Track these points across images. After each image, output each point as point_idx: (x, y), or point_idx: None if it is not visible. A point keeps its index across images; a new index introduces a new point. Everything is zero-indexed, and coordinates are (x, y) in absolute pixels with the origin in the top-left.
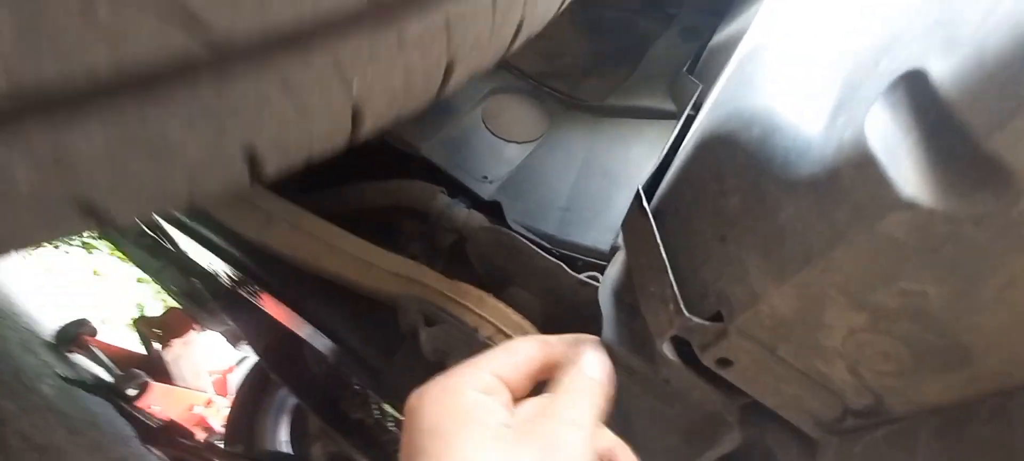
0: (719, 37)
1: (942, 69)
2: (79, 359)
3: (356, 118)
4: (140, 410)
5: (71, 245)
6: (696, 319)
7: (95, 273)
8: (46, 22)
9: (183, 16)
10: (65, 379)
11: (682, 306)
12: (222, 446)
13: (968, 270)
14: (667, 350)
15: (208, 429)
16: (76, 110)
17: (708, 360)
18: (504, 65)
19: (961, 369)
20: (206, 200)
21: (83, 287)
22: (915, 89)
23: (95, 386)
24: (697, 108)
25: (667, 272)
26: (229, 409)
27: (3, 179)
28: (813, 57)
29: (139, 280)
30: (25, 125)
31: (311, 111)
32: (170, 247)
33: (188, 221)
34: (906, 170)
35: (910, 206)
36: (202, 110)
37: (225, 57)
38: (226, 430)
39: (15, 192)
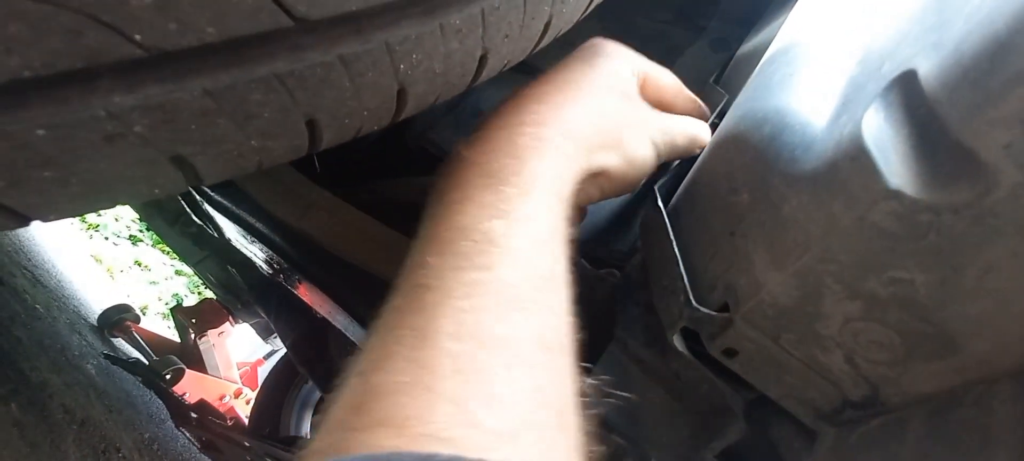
0: (746, 47)
1: (928, 68)
2: (120, 342)
3: (401, 98)
4: (175, 393)
5: (119, 238)
6: (704, 310)
7: (137, 263)
8: None
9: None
10: (108, 357)
11: (692, 297)
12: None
13: (950, 259)
14: (677, 342)
15: (236, 419)
16: (186, 70)
17: (715, 350)
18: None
19: (949, 357)
20: (272, 164)
21: (126, 276)
22: (907, 88)
23: (136, 366)
24: (721, 117)
25: (678, 265)
26: (255, 400)
27: (123, 126)
28: (826, 61)
29: (177, 273)
30: (147, 80)
31: (364, 88)
32: (215, 234)
33: (234, 208)
34: (894, 163)
35: (896, 195)
36: (278, 80)
37: (302, 32)
38: (251, 421)
39: (129, 140)
